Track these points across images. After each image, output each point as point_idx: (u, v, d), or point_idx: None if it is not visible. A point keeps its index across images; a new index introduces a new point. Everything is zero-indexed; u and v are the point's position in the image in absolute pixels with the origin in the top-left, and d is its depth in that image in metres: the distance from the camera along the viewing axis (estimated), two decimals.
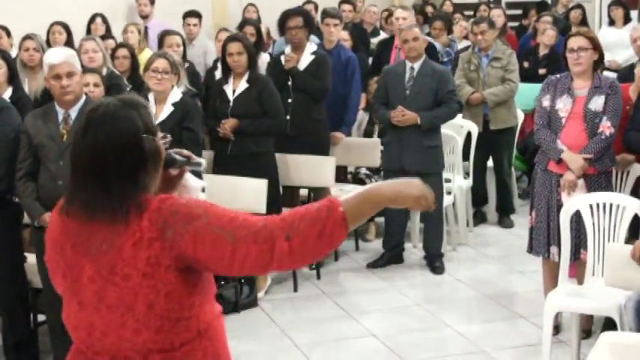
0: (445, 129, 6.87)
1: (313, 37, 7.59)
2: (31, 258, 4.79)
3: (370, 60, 8.27)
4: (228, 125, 5.86)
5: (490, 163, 7.53)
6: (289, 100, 6.38)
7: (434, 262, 6.43)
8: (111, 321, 2.23)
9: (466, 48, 7.97)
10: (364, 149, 6.69)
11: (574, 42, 4.96)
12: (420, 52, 6.31)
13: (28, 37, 6.55)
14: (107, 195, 2.20)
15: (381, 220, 6.82)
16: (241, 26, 7.87)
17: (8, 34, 7.43)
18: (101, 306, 2.22)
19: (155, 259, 2.17)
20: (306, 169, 6.35)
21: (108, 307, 2.22)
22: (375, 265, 6.53)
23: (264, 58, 7.02)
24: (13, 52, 6.92)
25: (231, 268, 2.19)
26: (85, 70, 5.04)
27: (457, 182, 7.01)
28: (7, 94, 5.45)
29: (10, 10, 8.25)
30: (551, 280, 5.08)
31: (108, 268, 2.20)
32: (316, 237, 2.12)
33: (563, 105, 5.00)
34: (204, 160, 2.56)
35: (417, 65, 6.30)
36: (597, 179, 4.98)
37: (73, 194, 2.27)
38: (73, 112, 4.41)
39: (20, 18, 7.94)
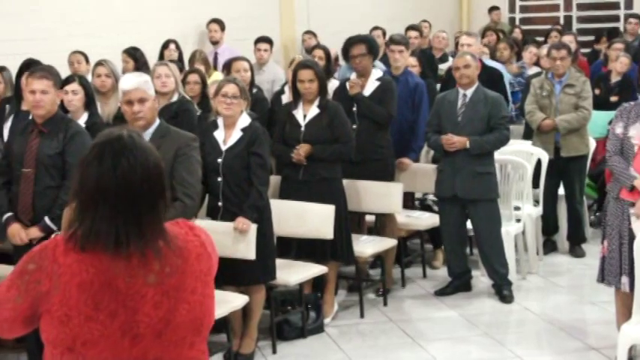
0: (514, 156, 6.79)
1: (379, 63, 7.57)
2: None
3: (438, 86, 8.24)
4: (302, 151, 5.87)
5: (561, 190, 7.39)
6: (354, 126, 6.38)
7: (502, 290, 6.33)
8: (175, 343, 2.24)
9: (537, 74, 7.86)
10: (431, 175, 6.63)
11: None
12: (472, 79, 6.28)
13: (99, 63, 6.69)
14: (138, 228, 2.16)
15: None
16: (310, 50, 7.90)
17: (87, 59, 7.58)
18: (167, 330, 2.21)
19: (209, 270, 2.31)
20: (373, 195, 6.33)
21: (176, 327, 2.22)
22: (442, 292, 6.47)
23: (333, 84, 7.04)
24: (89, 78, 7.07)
25: None
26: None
27: (527, 210, 6.91)
28: (83, 119, 5.55)
29: (82, 36, 8.43)
30: (625, 311, 4.95)
31: (176, 287, 2.22)
32: None
33: (636, 132, 4.91)
34: None
35: (469, 92, 6.27)
36: None
37: (93, 226, 2.14)
38: (146, 136, 4.46)
39: (92, 44, 8.10)
